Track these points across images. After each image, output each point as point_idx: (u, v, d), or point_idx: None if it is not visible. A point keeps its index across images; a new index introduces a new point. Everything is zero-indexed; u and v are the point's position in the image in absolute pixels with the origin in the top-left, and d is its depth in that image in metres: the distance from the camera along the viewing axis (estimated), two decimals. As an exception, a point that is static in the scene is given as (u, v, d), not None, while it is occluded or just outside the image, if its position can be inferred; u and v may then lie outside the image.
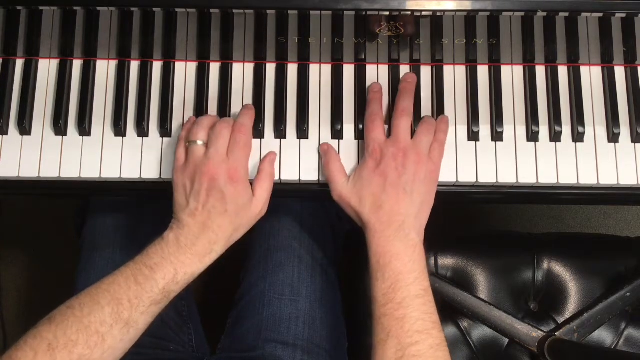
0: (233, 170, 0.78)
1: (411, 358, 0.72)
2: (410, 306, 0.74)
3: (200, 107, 0.87)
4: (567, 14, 0.81)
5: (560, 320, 1.02)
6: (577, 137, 0.86)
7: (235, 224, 0.78)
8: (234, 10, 0.81)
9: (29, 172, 0.85)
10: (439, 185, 0.84)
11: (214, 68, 0.88)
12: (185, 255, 0.76)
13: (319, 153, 0.86)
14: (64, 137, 0.86)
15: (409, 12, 0.79)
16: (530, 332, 0.98)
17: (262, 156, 0.85)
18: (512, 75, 0.88)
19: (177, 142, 0.82)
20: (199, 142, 0.79)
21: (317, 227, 1.03)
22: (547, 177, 0.85)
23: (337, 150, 0.85)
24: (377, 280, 0.77)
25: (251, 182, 0.81)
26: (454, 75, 0.88)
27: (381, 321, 0.75)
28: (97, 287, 0.74)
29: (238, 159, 0.79)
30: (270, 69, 0.88)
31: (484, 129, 0.86)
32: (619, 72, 0.88)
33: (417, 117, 0.86)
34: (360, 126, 0.86)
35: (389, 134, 0.83)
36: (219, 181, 0.77)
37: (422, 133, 0.82)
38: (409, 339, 0.73)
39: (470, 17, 0.82)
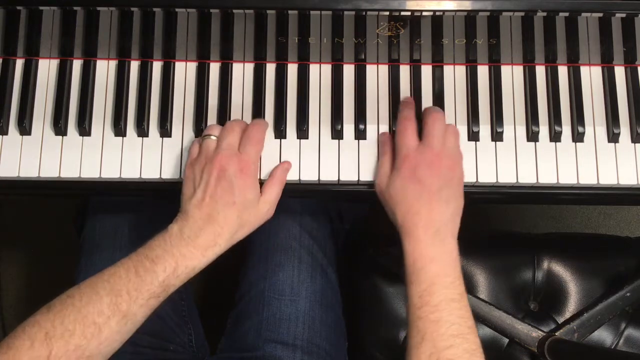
0: (244, 162, 0.78)
1: None
2: (446, 309, 0.74)
3: (200, 107, 0.87)
4: (567, 14, 0.81)
5: (560, 320, 1.02)
6: (577, 137, 0.86)
7: (242, 219, 0.78)
8: (234, 10, 0.81)
9: (29, 172, 0.85)
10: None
11: (214, 68, 0.88)
12: (187, 248, 0.75)
13: (318, 153, 0.86)
14: (64, 137, 0.86)
15: (409, 12, 0.79)
16: (530, 332, 0.98)
17: (263, 157, 0.85)
18: (512, 75, 0.88)
19: (192, 142, 0.83)
20: (212, 137, 0.80)
21: (317, 228, 1.03)
22: (547, 177, 0.85)
23: (337, 150, 0.85)
24: (412, 283, 0.76)
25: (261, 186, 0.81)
26: (454, 75, 0.88)
27: (416, 324, 0.74)
28: (98, 277, 0.74)
29: (249, 153, 0.79)
30: (270, 69, 0.88)
31: (484, 129, 0.86)
32: (619, 72, 0.88)
33: (417, 118, 0.86)
34: (361, 126, 0.85)
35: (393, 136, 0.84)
36: (228, 171, 0.77)
37: (451, 135, 0.82)
38: (444, 342, 0.72)
39: (470, 17, 0.82)
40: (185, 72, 0.88)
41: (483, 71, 0.88)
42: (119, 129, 0.86)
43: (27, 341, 0.68)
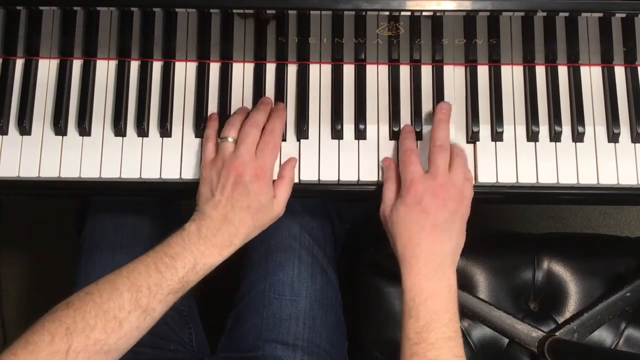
0: (260, 169, 0.79)
1: None
2: (443, 348, 0.74)
3: (200, 107, 0.87)
4: (567, 14, 0.81)
5: (560, 320, 1.02)
6: (577, 137, 0.86)
7: (256, 221, 0.80)
8: (234, 10, 0.81)
9: (29, 172, 0.85)
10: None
11: (214, 68, 0.88)
12: (206, 246, 0.77)
13: (319, 153, 0.86)
14: (64, 137, 0.86)
15: (409, 12, 0.79)
16: (530, 332, 0.98)
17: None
18: (512, 75, 0.88)
19: (204, 140, 0.83)
20: (230, 140, 0.81)
21: (317, 228, 1.03)
22: (547, 177, 0.85)
23: (337, 150, 0.85)
24: (411, 317, 0.76)
25: None
26: (454, 75, 0.88)
27: None
28: (117, 274, 0.75)
29: (266, 159, 0.80)
30: (270, 69, 0.88)
31: (484, 129, 0.86)
32: (619, 72, 0.88)
33: (418, 116, 0.86)
34: (361, 126, 0.85)
35: (393, 136, 0.84)
36: (245, 177, 0.78)
37: (458, 167, 0.81)
38: None
39: (470, 17, 0.82)
40: (185, 72, 0.88)
41: (483, 71, 0.88)
42: (119, 129, 0.86)
43: (47, 336, 0.69)
